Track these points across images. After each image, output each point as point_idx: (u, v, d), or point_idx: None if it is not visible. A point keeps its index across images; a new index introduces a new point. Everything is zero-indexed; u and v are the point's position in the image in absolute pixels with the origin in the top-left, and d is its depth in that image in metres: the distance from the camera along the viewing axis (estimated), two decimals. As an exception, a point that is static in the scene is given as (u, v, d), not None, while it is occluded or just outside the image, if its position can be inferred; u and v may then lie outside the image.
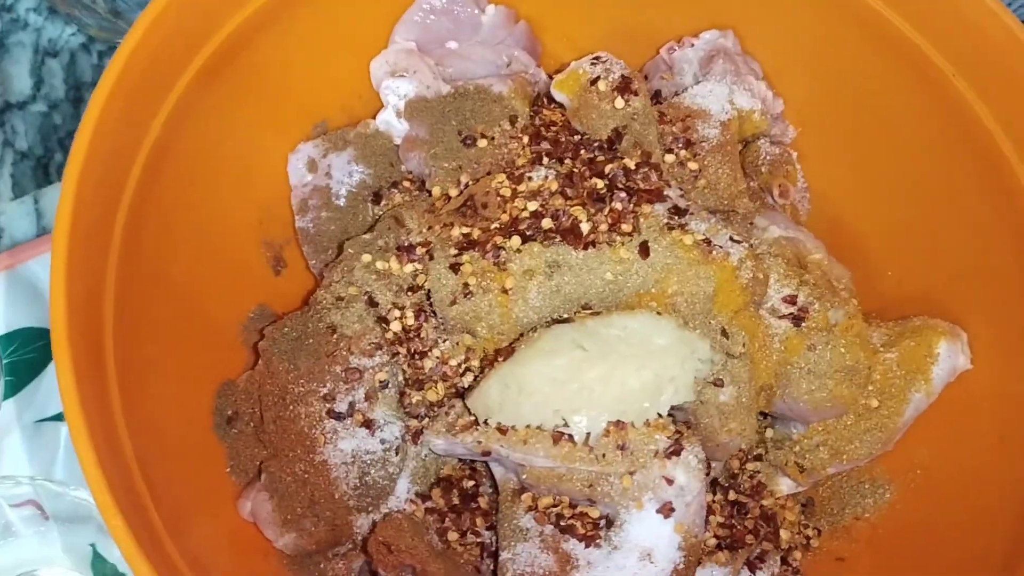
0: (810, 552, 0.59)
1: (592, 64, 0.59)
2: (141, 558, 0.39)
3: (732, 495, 0.58)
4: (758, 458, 0.59)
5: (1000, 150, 0.55)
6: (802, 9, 0.61)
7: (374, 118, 0.62)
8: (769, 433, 0.60)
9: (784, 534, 0.58)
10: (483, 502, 0.56)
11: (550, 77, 0.63)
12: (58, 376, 0.42)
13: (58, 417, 0.65)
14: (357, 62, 0.62)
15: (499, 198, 0.54)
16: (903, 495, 0.59)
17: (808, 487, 0.60)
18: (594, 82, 0.58)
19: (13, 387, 0.65)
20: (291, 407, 0.54)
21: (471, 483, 0.56)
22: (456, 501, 0.55)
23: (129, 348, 0.48)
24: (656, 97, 0.64)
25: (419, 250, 0.55)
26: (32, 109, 0.76)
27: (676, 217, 0.53)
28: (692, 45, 0.63)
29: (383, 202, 0.60)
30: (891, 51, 0.58)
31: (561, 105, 0.61)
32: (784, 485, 0.59)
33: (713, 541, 0.56)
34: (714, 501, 0.57)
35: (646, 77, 0.65)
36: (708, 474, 0.56)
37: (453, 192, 0.58)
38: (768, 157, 0.63)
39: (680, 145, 0.59)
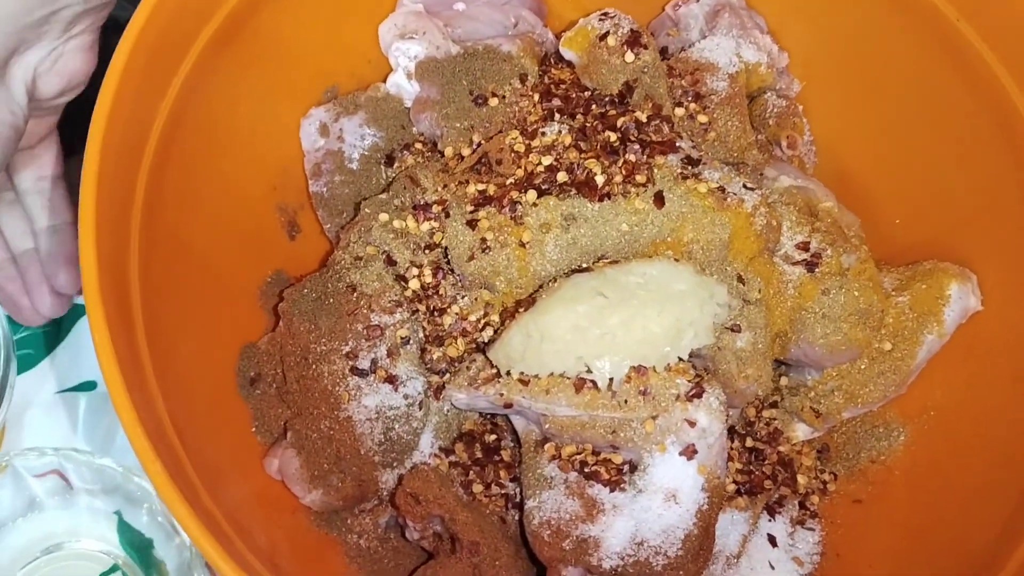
0: (827, 496, 0.60)
1: (600, 20, 0.60)
2: (184, 506, 0.40)
3: (749, 442, 0.59)
4: (774, 405, 0.60)
5: (1006, 93, 0.55)
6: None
7: (384, 81, 0.62)
8: (784, 380, 0.60)
9: (801, 479, 0.59)
10: (506, 455, 0.56)
11: (557, 36, 0.64)
12: (93, 336, 0.42)
13: (78, 388, 0.65)
14: (366, 26, 0.62)
15: (513, 154, 0.55)
16: (917, 437, 0.60)
17: (824, 432, 0.60)
18: (603, 37, 0.59)
19: (32, 360, 0.66)
20: (314, 366, 0.54)
21: (493, 437, 0.57)
22: (479, 454, 0.56)
23: (155, 312, 0.49)
24: (663, 53, 0.64)
25: (435, 208, 0.55)
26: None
27: (690, 167, 0.54)
28: (697, 1, 0.64)
29: (396, 164, 0.61)
30: (893, 1, 0.59)
31: (570, 64, 0.62)
32: (800, 431, 0.60)
33: (732, 487, 0.57)
34: (732, 448, 0.58)
35: (653, 34, 0.66)
36: (727, 420, 0.57)
37: (466, 151, 0.58)
38: (775, 110, 0.64)
39: (690, 98, 0.59)
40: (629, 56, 0.58)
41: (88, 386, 0.66)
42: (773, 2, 0.65)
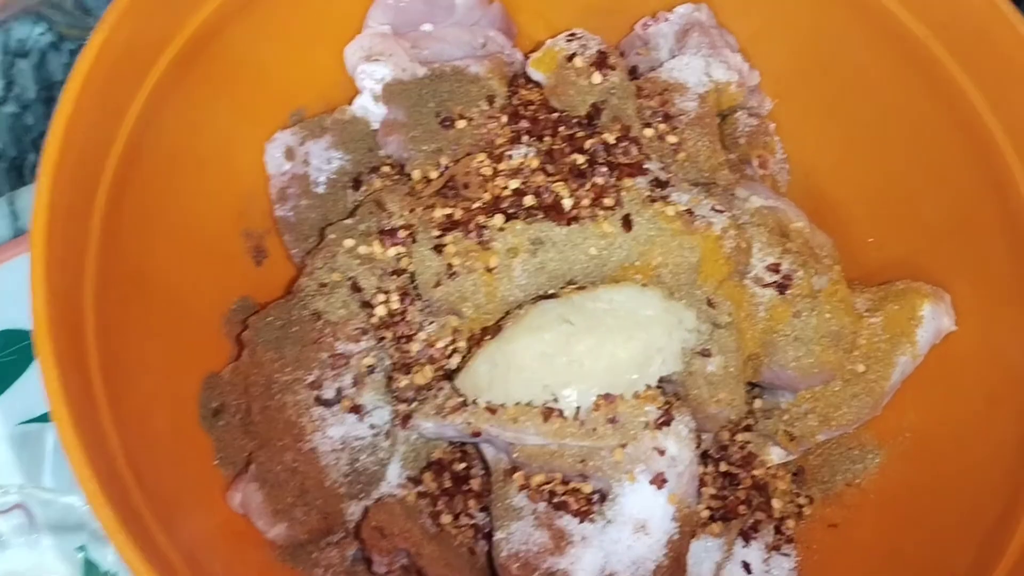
0: (803, 520, 0.59)
1: (568, 40, 0.59)
2: (135, 552, 0.39)
3: (723, 466, 0.58)
4: (748, 428, 0.59)
5: (976, 110, 0.55)
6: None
7: (351, 104, 0.61)
8: (758, 403, 0.60)
9: (776, 503, 0.58)
10: (475, 484, 0.56)
11: (526, 57, 0.63)
12: (42, 372, 0.41)
13: (43, 418, 0.64)
14: (332, 48, 0.61)
15: (480, 177, 0.54)
16: (893, 459, 0.59)
17: (799, 455, 0.60)
18: (571, 58, 0.58)
19: (-4, 390, 0.65)
20: (278, 396, 0.53)
21: (462, 465, 0.56)
22: (448, 484, 0.55)
23: (112, 343, 0.48)
24: (633, 73, 0.63)
25: (402, 233, 0.54)
26: (3, 111, 0.75)
27: (658, 189, 0.53)
28: (667, 20, 0.63)
29: (363, 187, 0.60)
30: (864, 18, 0.59)
31: (538, 84, 0.61)
32: (775, 454, 0.59)
33: (706, 513, 0.56)
34: (705, 473, 0.57)
35: (622, 54, 0.65)
36: (699, 445, 0.56)
37: (433, 174, 0.57)
38: (746, 129, 0.63)
39: (659, 119, 0.59)
40: (597, 77, 0.57)
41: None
42: (744, 20, 0.64)
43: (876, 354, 0.56)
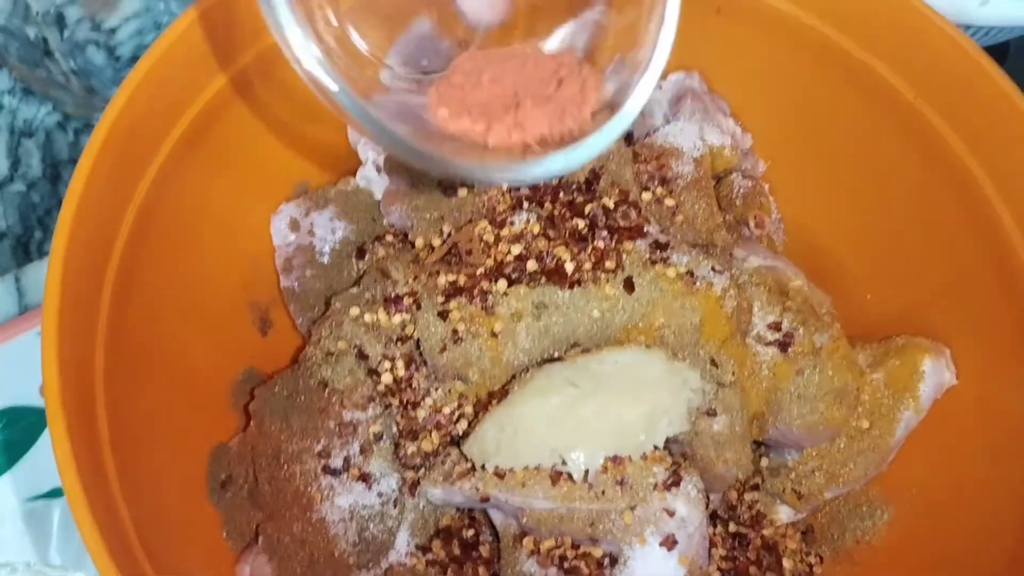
0: (814, 580, 0.59)
1: (565, 109, 0.61)
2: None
3: (732, 527, 0.58)
4: (755, 488, 0.59)
5: (966, 167, 0.56)
6: (763, 47, 0.63)
7: (354, 175, 0.63)
8: (764, 462, 0.60)
9: (787, 563, 0.58)
10: (484, 551, 0.55)
11: (524, 126, 0.64)
12: (54, 447, 0.42)
13: (50, 495, 0.64)
14: (334, 121, 0.63)
15: (483, 244, 0.55)
16: (901, 515, 0.59)
17: (807, 514, 0.60)
18: (568, 127, 0.59)
19: (2, 467, 0.65)
20: (285, 466, 0.53)
21: (471, 532, 0.56)
22: (457, 551, 0.55)
23: (121, 417, 0.48)
24: (629, 139, 0.65)
25: (406, 300, 0.55)
26: (10, 189, 0.76)
27: (658, 251, 0.54)
28: (660, 87, 0.65)
29: (367, 256, 0.61)
30: (853, 80, 0.60)
31: (536, 152, 0.62)
32: (783, 513, 0.59)
33: (717, 574, 0.56)
34: (715, 534, 0.57)
35: (617, 120, 0.67)
36: (707, 506, 0.56)
37: (436, 242, 0.58)
38: (741, 190, 0.64)
39: (656, 183, 0.60)
40: (594, 144, 0.58)
41: (59, 492, 0.64)
42: (735, 85, 0.66)
43: (880, 410, 0.57)
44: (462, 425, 0.53)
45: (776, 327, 0.56)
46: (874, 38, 0.58)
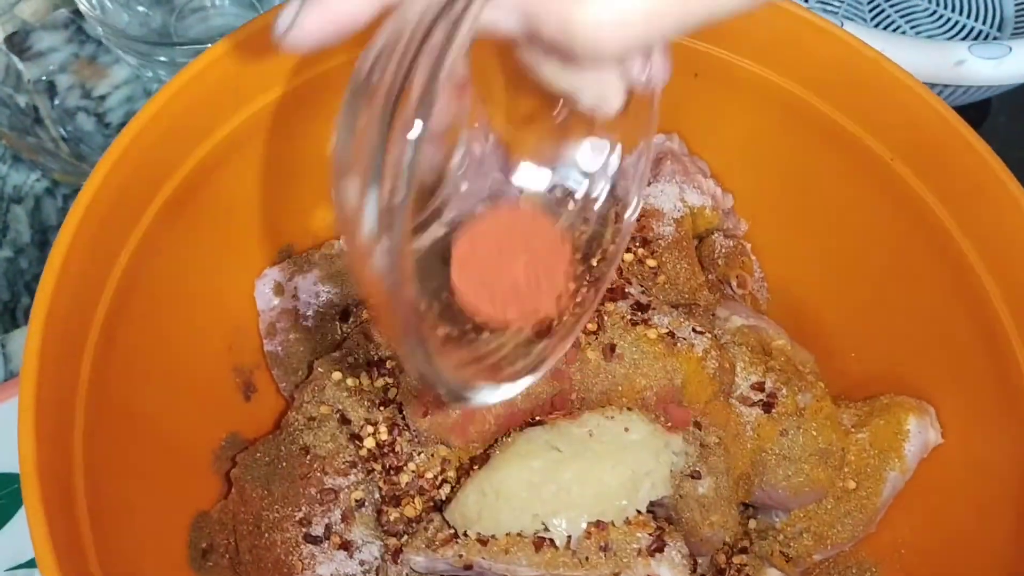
0: (806, 644, 0.58)
1: (546, 173, 0.61)
2: None
3: (721, 590, 0.57)
4: (744, 551, 0.59)
5: (944, 226, 0.57)
6: (741, 110, 0.64)
7: (338, 238, 0.63)
8: (752, 524, 0.59)
9: (778, 627, 0.57)
10: (469, 618, 0.54)
11: (507, 188, 0.65)
12: (28, 517, 0.41)
13: (31, 563, 0.63)
14: (319, 186, 0.63)
15: (465, 307, 0.55)
16: (891, 576, 0.58)
17: (796, 576, 0.59)
18: (549, 190, 0.60)
19: (-19, 537, 0.64)
20: (266, 534, 0.53)
21: (455, 599, 0.55)
22: (441, 619, 0.54)
23: (100, 486, 0.48)
24: (610, 200, 0.66)
25: (389, 364, 0.55)
26: (-2, 255, 0.77)
27: (639, 313, 0.54)
28: (640, 149, 0.66)
29: (351, 319, 0.61)
30: (831, 141, 0.61)
31: (519, 214, 0.63)
32: (772, 576, 0.59)
33: (706, 640, 0.55)
34: (703, 598, 0.56)
35: (599, 182, 0.67)
36: (695, 571, 0.56)
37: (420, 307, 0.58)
38: (723, 250, 0.65)
39: (637, 244, 0.60)
40: (575, 207, 0.59)
41: (38, 561, 0.63)
42: (714, 147, 0.67)
43: (866, 470, 0.56)
44: (445, 490, 0.53)
45: (759, 387, 0.56)
46: (850, 101, 0.59)
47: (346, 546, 0.52)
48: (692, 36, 0.61)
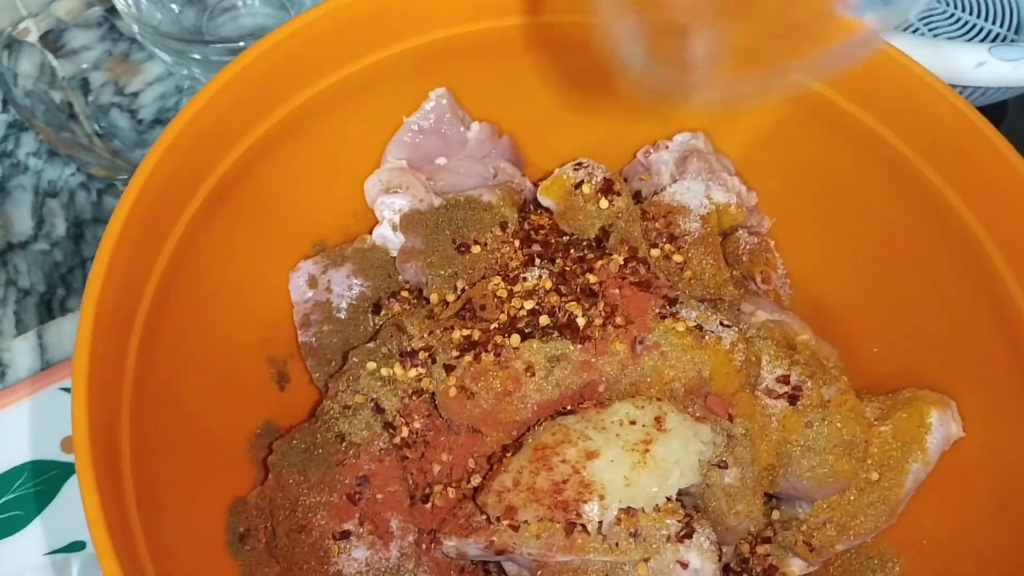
0: (828, 632, 0.59)
1: (575, 169, 0.63)
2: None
3: (745, 579, 0.58)
4: (767, 540, 0.60)
5: (966, 224, 0.58)
6: (765, 109, 0.65)
7: (370, 233, 0.65)
8: (776, 515, 0.60)
9: (800, 615, 0.58)
10: (499, 603, 0.56)
11: (535, 185, 0.67)
12: (83, 499, 0.43)
13: (69, 548, 0.64)
14: (351, 182, 0.65)
15: (496, 299, 0.57)
16: (911, 567, 0.59)
17: (819, 566, 0.60)
18: (578, 186, 0.61)
19: (21, 522, 0.66)
20: (303, 519, 0.54)
21: (486, 585, 0.56)
22: (473, 604, 0.55)
23: (144, 471, 0.49)
24: (637, 197, 0.67)
25: (421, 355, 0.56)
26: (34, 248, 0.78)
27: (668, 306, 0.55)
28: (667, 147, 0.67)
29: (383, 312, 0.62)
30: (854, 141, 0.62)
31: (547, 210, 0.64)
32: (796, 566, 0.60)
33: (731, 628, 0.56)
34: (728, 587, 0.58)
35: (626, 179, 0.69)
36: (720, 558, 0.57)
37: (450, 297, 0.60)
38: (747, 247, 0.66)
39: (664, 240, 0.62)
40: (603, 203, 0.60)
41: (78, 546, 0.65)
42: (739, 146, 0.68)
43: (889, 462, 0.58)
44: (477, 478, 0.54)
45: (784, 380, 0.57)
46: (873, 100, 0.60)
47: (380, 532, 0.53)
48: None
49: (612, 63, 0.44)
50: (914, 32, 0.94)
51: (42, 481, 0.67)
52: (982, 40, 0.94)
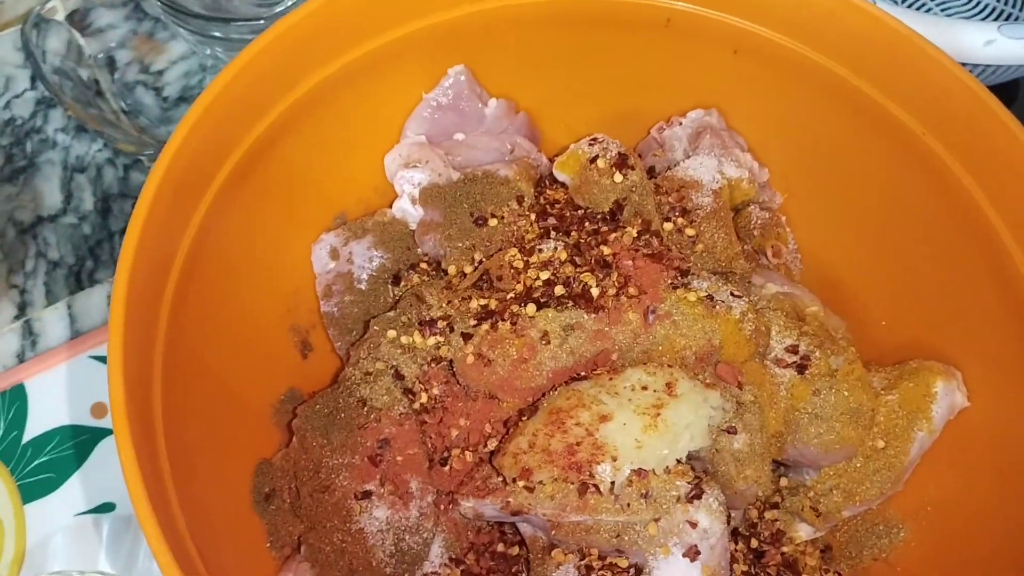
0: (833, 596, 0.61)
1: (590, 144, 0.64)
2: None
3: (753, 543, 0.60)
4: (775, 506, 0.62)
5: (973, 198, 0.59)
6: (778, 86, 0.66)
7: (390, 207, 0.66)
8: (784, 481, 0.62)
9: (806, 579, 0.60)
10: (515, 564, 0.58)
11: (551, 160, 0.68)
12: (120, 456, 0.45)
13: (98, 509, 0.67)
14: (372, 157, 0.67)
15: (512, 270, 0.58)
16: (917, 533, 0.61)
17: (826, 531, 0.62)
18: (593, 160, 0.63)
19: (54, 483, 0.68)
20: (326, 480, 0.56)
21: (501, 545, 0.58)
22: (490, 563, 0.57)
23: (175, 432, 0.51)
24: (650, 172, 0.68)
25: (440, 323, 0.58)
26: (64, 221, 0.80)
27: (680, 277, 0.57)
28: (680, 123, 0.68)
29: (403, 283, 0.64)
30: (864, 117, 0.63)
31: (563, 184, 0.66)
32: (803, 531, 0.61)
33: (739, 589, 0.58)
34: (736, 550, 0.59)
35: (640, 155, 0.70)
36: (729, 520, 0.59)
37: (468, 269, 0.62)
38: (759, 221, 0.67)
39: (677, 214, 0.63)
40: (618, 177, 0.62)
41: (107, 508, 0.67)
42: (752, 122, 0.69)
43: (895, 430, 0.59)
44: (493, 442, 0.56)
45: (793, 350, 0.58)
46: (883, 77, 0.61)
47: (400, 492, 0.55)
48: (732, 13, 0.64)
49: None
50: (926, 11, 0.95)
51: (73, 445, 0.69)
52: (994, 19, 0.95)
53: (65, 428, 0.70)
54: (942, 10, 0.95)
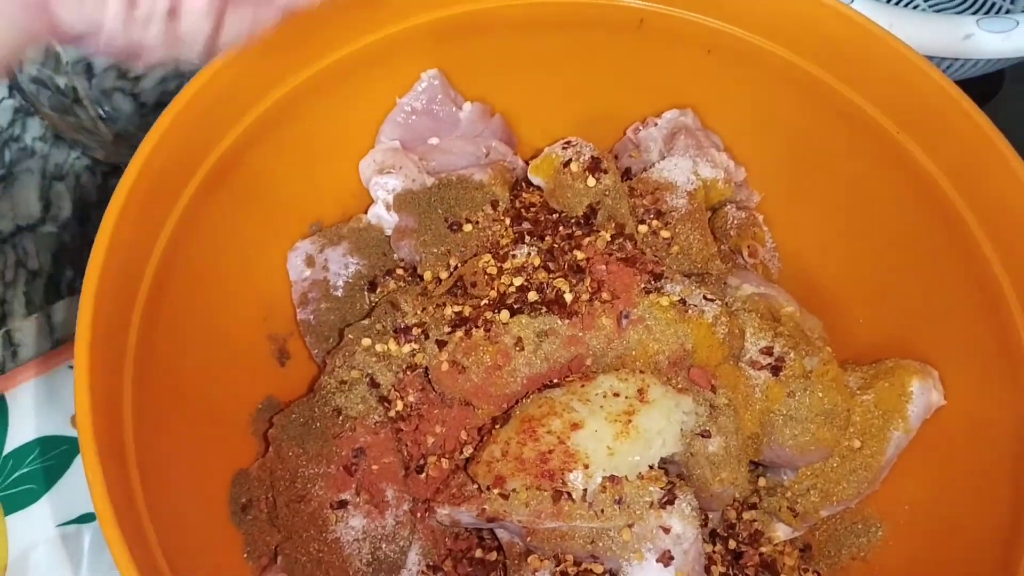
0: (812, 596, 0.61)
1: (564, 148, 0.64)
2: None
3: (732, 544, 0.60)
4: (753, 507, 0.62)
5: (947, 196, 0.59)
6: (753, 85, 0.66)
7: (365, 213, 0.66)
8: (762, 481, 0.62)
9: (785, 580, 0.60)
10: (493, 570, 0.58)
11: (526, 163, 0.68)
12: (87, 473, 0.45)
13: (81, 519, 0.67)
14: (346, 163, 0.67)
15: (486, 276, 0.58)
16: (895, 532, 0.61)
17: (804, 531, 0.62)
18: (567, 164, 0.63)
19: (33, 495, 0.68)
20: (302, 490, 0.56)
21: (479, 551, 0.58)
22: (468, 569, 0.57)
23: (148, 445, 0.51)
24: (626, 174, 0.68)
25: (415, 331, 0.58)
26: (42, 230, 0.80)
27: (652, 281, 0.57)
28: (655, 124, 0.68)
29: (378, 290, 0.64)
30: (839, 115, 0.63)
31: (538, 188, 0.66)
32: (781, 531, 0.61)
33: (717, 591, 0.58)
34: (714, 551, 0.59)
35: (616, 157, 0.70)
36: (705, 525, 0.59)
37: (443, 275, 0.61)
38: (736, 221, 0.67)
39: (651, 216, 0.63)
40: (591, 180, 0.62)
41: (89, 518, 0.67)
42: (727, 121, 0.69)
43: (870, 430, 0.59)
44: (468, 449, 0.56)
45: (768, 352, 0.58)
46: (858, 77, 0.61)
47: (376, 501, 0.55)
48: (705, 13, 0.64)
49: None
50: (914, 8, 0.94)
51: (53, 456, 0.69)
52: (978, 10, 0.94)
53: (46, 439, 0.70)
54: (927, 3, 0.94)
